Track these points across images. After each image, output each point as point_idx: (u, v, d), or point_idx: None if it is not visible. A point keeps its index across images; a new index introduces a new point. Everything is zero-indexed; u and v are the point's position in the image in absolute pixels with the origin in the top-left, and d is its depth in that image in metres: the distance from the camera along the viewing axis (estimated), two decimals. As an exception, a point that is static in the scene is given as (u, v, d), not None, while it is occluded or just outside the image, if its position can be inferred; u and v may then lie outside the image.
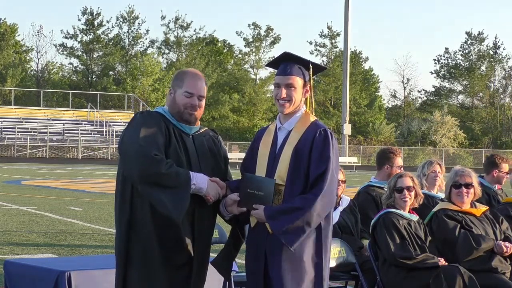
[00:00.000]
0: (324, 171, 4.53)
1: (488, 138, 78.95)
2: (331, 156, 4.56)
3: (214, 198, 4.70)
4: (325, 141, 4.60)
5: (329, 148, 4.59)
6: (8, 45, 73.45)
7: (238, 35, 79.00)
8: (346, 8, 59.32)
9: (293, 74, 4.68)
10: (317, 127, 4.66)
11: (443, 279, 6.23)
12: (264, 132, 4.84)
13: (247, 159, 4.83)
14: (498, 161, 8.41)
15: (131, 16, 75.52)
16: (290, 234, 4.50)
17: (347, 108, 60.72)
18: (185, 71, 4.95)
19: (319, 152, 4.58)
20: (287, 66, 4.70)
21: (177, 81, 4.85)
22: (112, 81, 73.66)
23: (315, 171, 4.55)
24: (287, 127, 4.69)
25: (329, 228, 4.67)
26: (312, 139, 4.60)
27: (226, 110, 72.79)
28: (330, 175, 4.53)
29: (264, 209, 4.58)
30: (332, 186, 4.56)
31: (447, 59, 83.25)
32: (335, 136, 4.72)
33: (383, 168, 7.76)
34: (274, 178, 4.60)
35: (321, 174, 4.52)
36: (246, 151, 4.91)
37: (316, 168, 4.55)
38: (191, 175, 4.60)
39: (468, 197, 6.82)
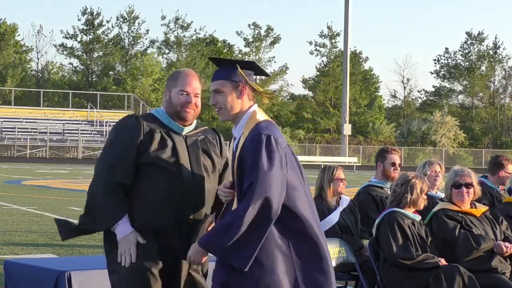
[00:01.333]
0: (252, 182, 4.11)
1: (488, 138, 78.95)
2: (260, 163, 4.11)
3: (122, 255, 4.54)
4: (256, 147, 4.19)
5: (260, 154, 4.15)
6: (8, 45, 73.47)
7: (238, 35, 79.09)
8: (346, 8, 59.33)
9: (218, 78, 4.43)
10: (254, 131, 4.28)
11: (443, 279, 6.23)
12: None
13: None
14: (504, 162, 8.43)
15: (131, 16, 75.54)
16: (234, 254, 4.13)
17: (347, 108, 60.72)
18: (178, 71, 4.93)
19: (250, 160, 4.18)
20: (216, 72, 4.49)
21: (171, 81, 4.83)
22: (112, 81, 73.68)
23: (246, 181, 4.15)
24: (236, 135, 4.42)
25: (302, 245, 4.21)
26: (248, 145, 4.25)
27: (226, 110, 72.80)
28: (259, 184, 4.08)
29: (198, 241, 4.32)
30: (263, 193, 4.08)
31: (447, 59, 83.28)
32: (279, 141, 4.26)
33: (377, 167, 7.80)
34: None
35: (250, 184, 4.12)
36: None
37: (247, 178, 4.15)
38: (117, 225, 4.57)
39: (469, 196, 6.82)
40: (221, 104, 4.42)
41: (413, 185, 6.54)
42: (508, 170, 8.41)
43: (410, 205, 6.57)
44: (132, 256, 4.51)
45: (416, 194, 6.54)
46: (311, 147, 67.98)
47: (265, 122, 4.34)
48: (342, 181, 7.35)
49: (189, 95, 4.80)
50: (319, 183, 7.42)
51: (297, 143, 70.04)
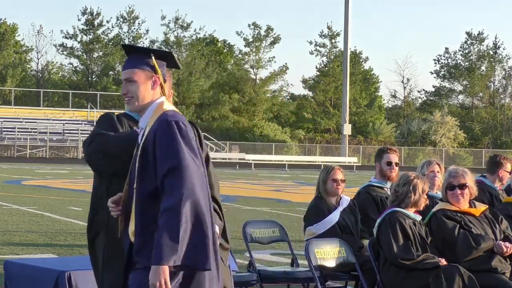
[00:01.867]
0: (174, 168, 3.91)
1: (488, 138, 78.92)
2: (180, 149, 3.94)
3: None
4: (169, 133, 3.98)
5: (176, 140, 3.97)
6: (8, 45, 73.45)
7: (238, 35, 79.02)
8: (346, 8, 59.33)
9: (132, 67, 4.20)
10: (161, 118, 4.06)
11: (443, 279, 6.23)
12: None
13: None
14: (503, 161, 8.48)
15: (131, 16, 75.53)
16: (191, 255, 3.88)
17: (347, 108, 60.72)
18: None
19: (163, 147, 3.97)
20: (128, 60, 4.25)
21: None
22: (112, 81, 73.65)
23: (161, 170, 3.92)
24: (142, 125, 4.19)
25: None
26: (154, 133, 4.02)
27: (226, 110, 72.76)
28: (184, 171, 3.89)
29: (152, 262, 3.94)
30: (191, 183, 3.89)
31: (447, 59, 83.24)
32: (192, 126, 4.18)
33: (376, 167, 7.83)
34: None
35: (171, 172, 3.90)
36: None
37: (162, 166, 3.93)
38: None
39: (464, 198, 6.81)
40: (133, 93, 4.19)
41: (415, 185, 6.55)
42: (507, 168, 8.46)
43: (412, 205, 6.58)
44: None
45: (418, 195, 6.55)
46: (311, 147, 67.96)
47: (171, 111, 4.13)
48: (337, 182, 7.34)
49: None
50: (318, 183, 7.45)
51: (297, 143, 70.04)
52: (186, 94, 73.35)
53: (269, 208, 19.86)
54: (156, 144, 3.98)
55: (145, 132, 4.09)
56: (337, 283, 7.66)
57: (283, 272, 7.52)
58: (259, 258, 10.05)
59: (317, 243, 6.92)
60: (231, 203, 21.02)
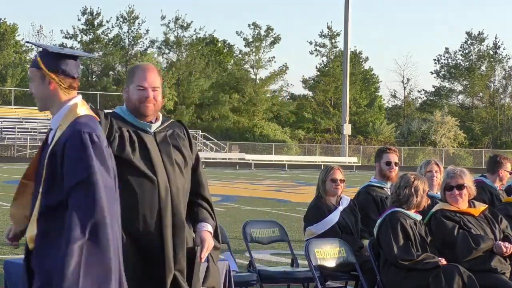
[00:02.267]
0: (82, 182, 3.57)
1: (488, 138, 78.92)
2: (90, 163, 3.58)
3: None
4: (80, 146, 3.62)
5: (87, 153, 3.60)
6: (8, 45, 73.46)
7: (238, 35, 78.97)
8: (346, 8, 59.35)
9: (31, 66, 3.95)
10: (72, 127, 3.71)
11: (443, 278, 6.23)
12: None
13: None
14: (503, 161, 8.53)
15: (131, 16, 75.51)
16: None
17: (347, 108, 60.73)
18: (135, 65, 4.79)
19: (72, 160, 3.61)
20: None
21: (129, 77, 4.69)
22: (112, 81, 73.66)
23: (68, 183, 3.58)
24: (53, 126, 3.89)
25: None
26: (64, 143, 3.68)
27: (226, 110, 72.76)
28: (92, 186, 3.56)
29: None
30: (99, 202, 3.54)
31: (447, 59, 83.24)
32: (98, 140, 3.70)
33: (375, 167, 7.84)
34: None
35: (78, 186, 3.57)
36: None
37: (69, 180, 3.59)
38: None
39: (462, 198, 6.81)
40: (34, 93, 3.97)
41: (416, 187, 6.55)
42: (507, 168, 8.50)
43: (414, 207, 6.58)
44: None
45: (420, 196, 6.56)
46: (311, 147, 67.96)
47: (86, 118, 3.77)
48: (336, 182, 7.34)
49: (147, 90, 4.60)
50: (318, 183, 7.46)
51: (297, 143, 70.03)
52: (186, 94, 73.33)
53: (269, 208, 19.86)
54: (65, 156, 3.65)
55: (55, 135, 3.79)
56: (337, 283, 7.66)
57: (283, 272, 7.52)
58: (259, 258, 10.04)
59: (317, 243, 6.93)
60: (231, 203, 21.02)
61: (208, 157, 57.15)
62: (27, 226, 3.83)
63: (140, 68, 4.71)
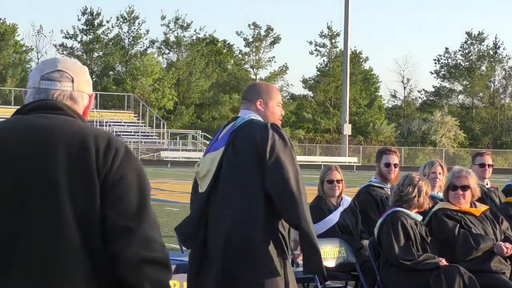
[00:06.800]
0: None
1: (488, 138, 78.91)
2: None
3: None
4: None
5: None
6: (8, 45, 73.46)
7: (238, 35, 78.96)
8: (346, 8, 59.33)
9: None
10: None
11: (443, 279, 6.23)
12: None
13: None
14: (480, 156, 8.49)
15: (131, 16, 75.50)
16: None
17: (347, 108, 60.71)
18: (266, 84, 5.28)
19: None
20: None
21: (266, 93, 5.09)
22: (112, 81, 73.65)
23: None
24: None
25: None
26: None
27: (226, 110, 72.76)
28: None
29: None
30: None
31: (447, 59, 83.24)
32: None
33: (376, 167, 7.84)
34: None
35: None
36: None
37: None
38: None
39: (465, 199, 6.81)
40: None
41: (420, 187, 6.54)
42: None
43: (416, 207, 6.58)
44: None
45: (423, 197, 6.55)
46: (311, 147, 67.97)
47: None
48: (332, 183, 7.33)
49: (281, 107, 5.08)
50: (318, 183, 7.47)
51: (297, 143, 70.04)
52: (186, 94, 73.35)
53: (269, 208, 19.82)
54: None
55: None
56: (337, 283, 7.66)
57: (283, 272, 7.50)
58: (259, 258, 10.01)
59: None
60: (231, 203, 21.01)
61: (208, 157, 57.11)
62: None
63: (274, 87, 5.20)
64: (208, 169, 4.81)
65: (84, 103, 2.84)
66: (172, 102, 71.67)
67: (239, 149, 4.74)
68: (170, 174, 40.35)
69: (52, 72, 2.81)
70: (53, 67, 2.83)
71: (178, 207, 19.53)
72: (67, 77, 2.81)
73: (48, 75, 2.80)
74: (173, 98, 71.76)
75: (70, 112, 2.76)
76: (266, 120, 4.89)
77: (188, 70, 73.40)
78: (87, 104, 2.86)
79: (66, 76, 2.81)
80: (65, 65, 2.84)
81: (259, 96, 5.00)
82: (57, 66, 2.82)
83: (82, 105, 2.84)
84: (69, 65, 2.85)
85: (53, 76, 2.80)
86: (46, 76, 2.80)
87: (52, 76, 2.80)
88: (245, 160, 4.70)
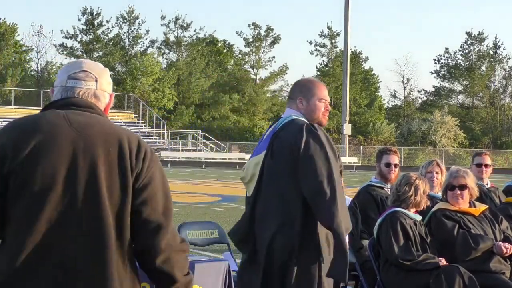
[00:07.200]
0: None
1: (488, 138, 78.90)
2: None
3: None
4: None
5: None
6: (8, 45, 73.44)
7: (238, 35, 79.01)
8: (346, 8, 59.31)
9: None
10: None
11: (443, 279, 6.23)
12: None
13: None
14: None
15: (131, 16, 75.49)
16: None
17: (347, 108, 60.70)
18: (309, 80, 5.18)
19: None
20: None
21: (307, 90, 5.06)
22: (112, 81, 73.65)
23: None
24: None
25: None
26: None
27: (226, 110, 72.76)
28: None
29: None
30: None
31: (447, 59, 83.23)
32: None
33: (376, 167, 7.84)
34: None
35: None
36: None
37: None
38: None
39: (463, 199, 6.80)
40: None
41: (417, 186, 6.54)
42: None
43: (413, 206, 6.58)
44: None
45: (420, 196, 6.55)
46: (311, 147, 67.96)
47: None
48: None
49: (326, 103, 5.00)
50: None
51: (297, 143, 70.02)
52: (186, 94, 73.33)
53: (269, 208, 19.82)
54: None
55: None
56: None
57: (283, 272, 7.50)
58: (259, 258, 10.02)
59: (317, 243, 6.92)
60: (231, 203, 21.02)
61: (208, 157, 57.16)
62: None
63: (317, 82, 5.08)
64: (252, 173, 4.88)
65: (105, 101, 3.15)
66: (172, 102, 71.66)
67: (276, 153, 4.78)
68: (170, 174, 40.33)
69: (78, 72, 3.10)
70: (79, 68, 3.12)
71: (178, 207, 19.53)
72: (91, 77, 3.11)
73: (74, 74, 3.09)
74: (173, 98, 71.74)
75: (98, 110, 3.06)
76: (309, 118, 4.88)
77: (188, 70, 73.38)
78: (108, 102, 3.17)
79: (90, 76, 3.10)
80: (89, 66, 3.14)
81: (300, 93, 4.95)
82: (82, 67, 3.12)
83: (104, 103, 3.14)
84: (92, 66, 3.15)
85: (79, 75, 3.09)
86: (72, 75, 3.08)
87: (78, 75, 3.09)
88: (281, 164, 4.75)
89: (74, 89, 3.06)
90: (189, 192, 25.97)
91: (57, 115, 2.95)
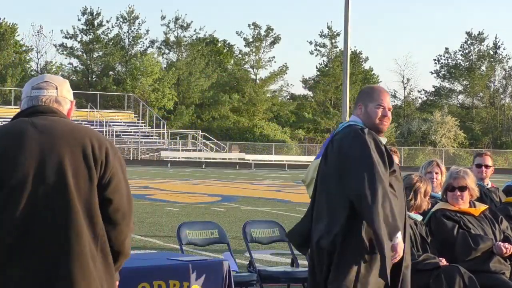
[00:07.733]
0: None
1: (488, 138, 78.90)
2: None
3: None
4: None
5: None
6: (8, 45, 73.43)
7: (238, 35, 79.00)
8: (346, 8, 59.21)
9: None
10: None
11: (443, 279, 6.22)
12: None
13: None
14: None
15: (131, 16, 75.48)
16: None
17: (347, 108, 60.52)
18: (370, 87, 5.34)
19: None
20: None
21: (366, 96, 5.23)
22: (112, 81, 73.63)
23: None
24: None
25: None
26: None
27: (226, 110, 72.75)
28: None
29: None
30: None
31: (447, 59, 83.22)
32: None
33: None
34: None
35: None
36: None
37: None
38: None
39: (463, 199, 6.79)
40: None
41: (417, 189, 6.51)
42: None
43: (414, 209, 6.56)
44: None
45: (420, 199, 6.53)
46: (311, 147, 67.96)
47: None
48: None
49: (385, 109, 5.07)
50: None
51: (297, 143, 70.03)
52: (186, 94, 73.31)
53: (269, 208, 19.85)
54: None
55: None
56: (337, 283, 7.64)
57: (283, 272, 7.51)
58: (259, 258, 10.03)
59: (317, 243, 6.91)
60: (231, 203, 21.02)
61: (208, 157, 57.15)
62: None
63: (380, 88, 5.22)
64: (312, 176, 5.20)
65: (67, 106, 3.55)
66: (172, 102, 71.64)
67: (328, 158, 4.97)
68: (170, 174, 40.33)
69: (40, 82, 3.55)
70: (41, 79, 3.57)
71: (178, 207, 19.53)
72: (52, 85, 3.54)
73: (37, 85, 3.54)
74: (173, 98, 71.72)
75: (61, 113, 3.48)
76: (367, 124, 4.99)
77: (188, 70, 73.37)
78: (69, 107, 3.56)
79: (51, 85, 3.54)
80: (50, 77, 3.59)
81: (360, 100, 5.12)
82: (44, 79, 3.57)
83: (66, 108, 3.54)
84: (53, 77, 3.61)
85: (41, 85, 3.54)
86: (35, 86, 3.54)
87: (40, 85, 3.54)
88: (331, 168, 4.92)
89: (38, 97, 3.49)
90: (189, 192, 25.97)
91: (24, 121, 3.40)
